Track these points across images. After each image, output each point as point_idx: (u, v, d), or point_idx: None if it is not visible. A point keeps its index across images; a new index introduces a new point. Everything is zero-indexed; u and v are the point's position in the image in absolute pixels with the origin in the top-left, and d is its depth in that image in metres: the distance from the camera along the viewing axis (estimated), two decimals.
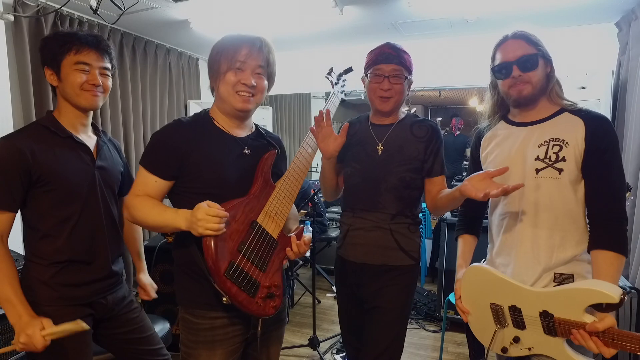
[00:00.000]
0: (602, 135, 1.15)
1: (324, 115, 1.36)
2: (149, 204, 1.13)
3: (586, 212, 1.21)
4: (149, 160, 1.16)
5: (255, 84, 1.17)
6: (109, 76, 1.33)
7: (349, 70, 1.64)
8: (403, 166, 1.44)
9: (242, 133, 1.26)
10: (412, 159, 1.45)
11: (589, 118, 1.18)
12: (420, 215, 1.56)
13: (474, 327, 1.33)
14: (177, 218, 1.08)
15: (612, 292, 0.99)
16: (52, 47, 1.25)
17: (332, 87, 1.57)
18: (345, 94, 1.61)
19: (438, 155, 1.46)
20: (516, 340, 1.20)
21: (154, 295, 1.63)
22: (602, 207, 1.16)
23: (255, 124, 1.34)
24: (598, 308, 1.05)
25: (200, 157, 1.15)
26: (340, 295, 1.62)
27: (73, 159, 1.28)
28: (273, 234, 1.18)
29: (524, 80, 1.20)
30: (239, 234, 1.11)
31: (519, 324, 1.20)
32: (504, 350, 1.23)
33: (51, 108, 2.26)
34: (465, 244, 1.45)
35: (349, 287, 1.54)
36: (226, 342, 1.18)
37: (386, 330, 1.45)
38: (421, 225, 1.55)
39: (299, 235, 1.25)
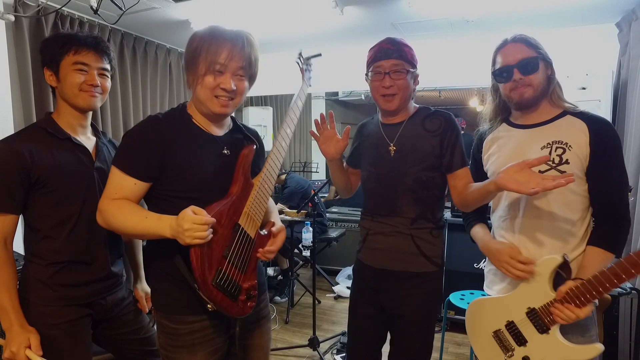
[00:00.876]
0: (606, 139, 1.17)
1: (327, 118, 1.33)
2: (128, 209, 1.05)
3: (591, 212, 1.23)
4: (126, 160, 1.08)
5: (235, 87, 1.11)
6: (107, 77, 1.32)
7: (317, 55, 1.56)
8: (417, 165, 1.38)
9: (220, 131, 1.21)
10: (427, 156, 1.38)
11: (593, 121, 1.19)
12: None
13: None
14: (160, 225, 1.01)
15: (554, 255, 1.16)
16: (52, 48, 1.25)
17: (302, 74, 1.48)
18: (311, 80, 1.51)
19: (457, 147, 1.38)
20: (526, 359, 1.21)
21: (148, 309, 1.56)
22: (607, 209, 1.18)
23: (232, 117, 1.27)
24: (561, 281, 1.15)
25: (180, 159, 1.10)
26: (354, 299, 1.56)
27: (71, 160, 1.28)
28: (251, 234, 1.15)
29: (525, 83, 1.21)
30: (224, 239, 1.07)
31: (520, 339, 1.22)
32: None
33: (52, 109, 2.26)
34: (482, 228, 1.42)
35: (366, 291, 1.50)
36: (206, 344, 1.16)
37: (412, 340, 1.43)
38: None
39: (270, 233, 1.20)
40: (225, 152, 1.17)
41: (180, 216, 0.97)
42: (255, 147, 1.22)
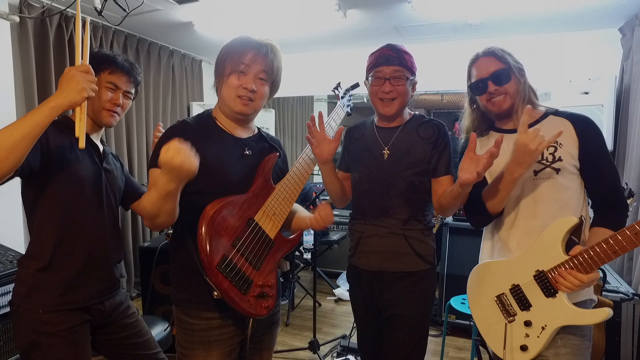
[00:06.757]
0: (592, 134, 1.22)
1: (317, 119, 1.33)
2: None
3: (589, 204, 1.27)
4: (155, 158, 1.14)
5: (255, 89, 1.17)
6: (130, 98, 1.42)
7: (355, 86, 1.66)
8: (411, 170, 1.42)
9: (243, 134, 1.26)
10: (419, 162, 1.42)
11: (574, 118, 1.24)
12: None
13: (486, 335, 1.31)
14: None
15: (571, 217, 1.15)
16: (91, 62, 1.27)
17: (339, 99, 1.57)
18: (350, 108, 1.61)
19: (443, 155, 1.43)
20: (528, 324, 1.20)
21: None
22: (605, 197, 1.23)
23: (257, 127, 1.35)
24: (573, 245, 1.15)
25: (204, 156, 1.14)
26: (355, 306, 1.58)
27: (86, 154, 1.31)
28: (270, 234, 1.18)
29: (500, 92, 1.26)
30: (235, 230, 1.11)
31: (524, 303, 1.22)
32: (524, 347, 1.21)
33: None
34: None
35: (364, 296, 1.51)
36: (222, 343, 1.18)
37: (407, 339, 1.43)
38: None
39: (297, 238, 1.27)
40: (247, 152, 1.23)
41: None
42: (278, 154, 1.28)
